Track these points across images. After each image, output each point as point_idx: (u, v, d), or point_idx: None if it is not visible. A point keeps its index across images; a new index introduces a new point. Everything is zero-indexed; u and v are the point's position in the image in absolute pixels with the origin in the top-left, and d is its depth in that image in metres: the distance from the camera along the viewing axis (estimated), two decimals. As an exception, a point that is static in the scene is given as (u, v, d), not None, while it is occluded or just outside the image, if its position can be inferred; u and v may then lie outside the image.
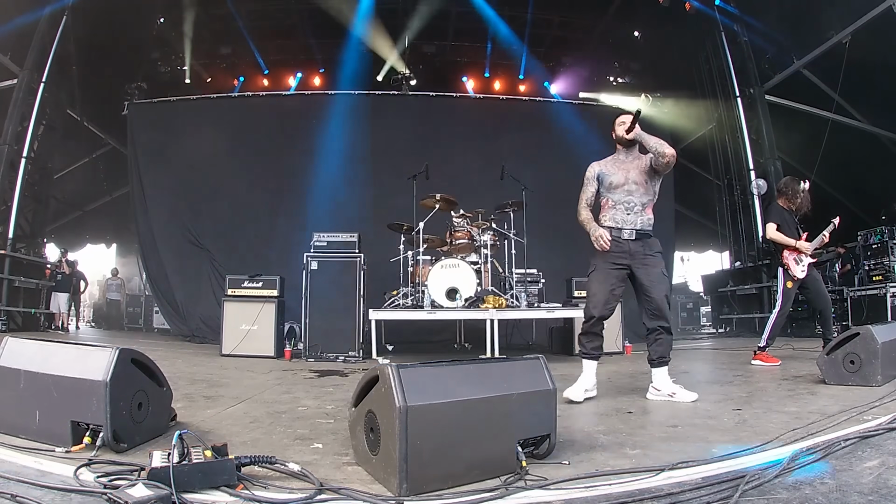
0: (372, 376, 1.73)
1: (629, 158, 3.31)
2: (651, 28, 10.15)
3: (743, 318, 10.05)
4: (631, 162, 3.28)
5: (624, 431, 2.33)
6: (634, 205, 3.21)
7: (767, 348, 4.73)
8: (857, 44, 7.70)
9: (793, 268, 4.66)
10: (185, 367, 4.83)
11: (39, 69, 8.93)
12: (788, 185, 4.94)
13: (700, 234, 13.91)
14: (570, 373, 4.66)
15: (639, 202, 3.21)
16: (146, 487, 1.41)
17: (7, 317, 8.42)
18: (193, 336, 8.29)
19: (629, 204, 3.21)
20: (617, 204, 3.23)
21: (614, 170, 3.29)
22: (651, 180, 3.25)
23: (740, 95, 9.93)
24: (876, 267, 7.54)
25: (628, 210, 3.21)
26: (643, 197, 3.22)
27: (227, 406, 2.98)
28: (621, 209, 3.21)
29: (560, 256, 8.52)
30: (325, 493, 1.54)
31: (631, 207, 3.20)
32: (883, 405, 2.60)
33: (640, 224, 3.21)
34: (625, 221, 3.20)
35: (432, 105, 9.83)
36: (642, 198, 3.22)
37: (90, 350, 2.03)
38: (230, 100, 10.07)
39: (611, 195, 3.27)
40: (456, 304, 5.60)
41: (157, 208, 9.17)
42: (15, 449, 1.87)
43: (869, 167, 9.04)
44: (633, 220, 3.20)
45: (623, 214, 3.21)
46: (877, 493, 1.44)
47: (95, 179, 11.96)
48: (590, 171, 3.41)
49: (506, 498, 1.53)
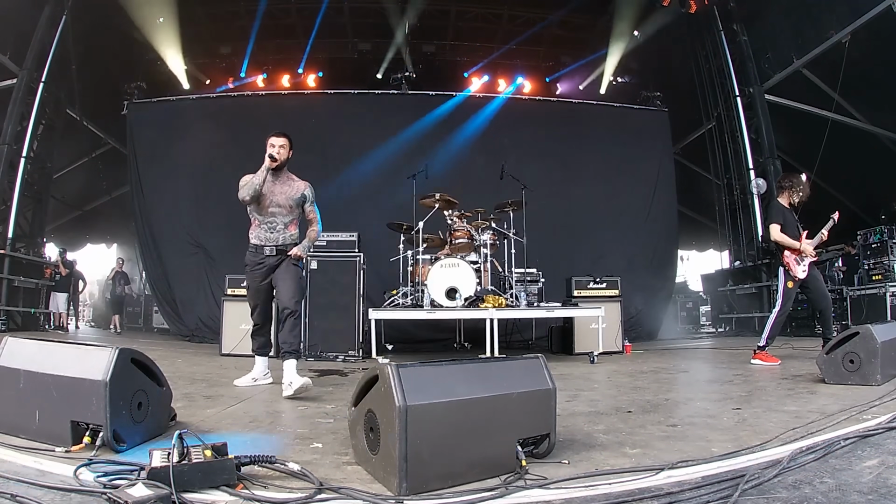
0: (372, 376, 1.73)
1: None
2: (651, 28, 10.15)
3: (743, 318, 10.06)
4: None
5: (623, 431, 2.33)
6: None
7: (767, 348, 4.73)
8: (857, 43, 7.70)
9: (793, 267, 4.66)
10: (185, 367, 4.84)
11: (39, 69, 8.93)
12: (789, 179, 4.93)
13: (701, 234, 13.92)
14: (569, 372, 4.68)
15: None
16: (146, 487, 1.41)
17: (7, 316, 8.42)
18: (193, 336, 8.29)
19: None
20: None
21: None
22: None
23: (740, 95, 9.93)
24: (875, 266, 7.54)
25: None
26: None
27: (227, 406, 2.98)
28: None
29: (560, 256, 8.53)
30: (325, 493, 1.54)
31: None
32: (882, 404, 2.60)
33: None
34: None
35: (432, 104, 9.82)
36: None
37: (90, 350, 2.03)
38: (230, 99, 10.05)
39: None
40: (456, 304, 5.60)
41: (157, 208, 9.17)
42: (15, 449, 1.87)
43: (869, 167, 9.05)
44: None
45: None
46: (876, 493, 1.44)
47: (95, 179, 11.93)
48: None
49: (506, 497, 1.53)
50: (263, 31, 10.61)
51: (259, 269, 3.66)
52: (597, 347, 5.73)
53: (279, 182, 3.67)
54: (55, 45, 9.03)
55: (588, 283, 6.62)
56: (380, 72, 10.37)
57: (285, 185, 3.69)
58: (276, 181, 3.66)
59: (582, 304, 6.39)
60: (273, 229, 3.65)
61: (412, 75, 10.13)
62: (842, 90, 8.13)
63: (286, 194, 3.67)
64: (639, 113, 10.40)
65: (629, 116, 10.30)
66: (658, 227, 9.75)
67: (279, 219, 3.66)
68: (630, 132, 10.02)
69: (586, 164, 9.65)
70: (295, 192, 3.70)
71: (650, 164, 9.93)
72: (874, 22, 7.38)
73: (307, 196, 3.74)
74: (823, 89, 8.80)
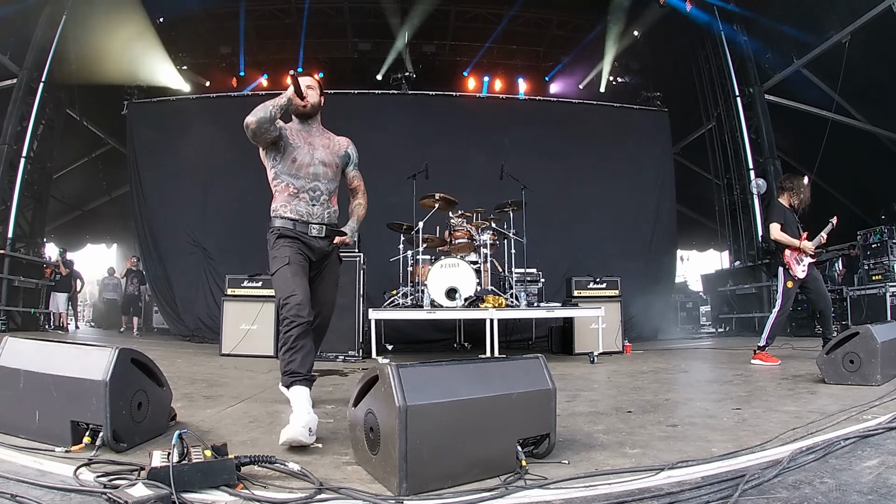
0: (372, 376, 1.73)
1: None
2: (651, 27, 10.15)
3: (742, 318, 10.06)
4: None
5: (623, 431, 2.33)
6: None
7: (767, 348, 4.73)
8: (856, 43, 7.71)
9: (793, 267, 4.67)
10: (185, 367, 4.83)
11: (39, 69, 8.94)
12: (790, 180, 4.93)
13: (701, 234, 13.93)
14: (569, 372, 4.68)
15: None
16: (146, 487, 1.41)
17: (7, 316, 8.42)
18: (193, 336, 8.30)
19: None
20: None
21: None
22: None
23: (740, 95, 9.94)
24: (875, 266, 7.55)
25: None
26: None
27: (227, 406, 2.98)
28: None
29: (560, 256, 8.54)
30: (325, 493, 1.53)
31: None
32: (882, 404, 2.60)
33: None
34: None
35: (432, 104, 9.83)
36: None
37: (90, 350, 2.03)
38: (230, 99, 10.06)
39: None
40: (455, 304, 5.61)
41: (157, 208, 9.18)
42: (15, 449, 1.87)
43: (869, 167, 9.06)
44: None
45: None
46: (876, 493, 1.44)
47: (95, 179, 11.95)
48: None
49: (505, 497, 1.53)
50: (263, 31, 10.63)
51: (302, 246, 2.54)
52: (597, 347, 5.73)
53: (316, 133, 2.70)
54: (55, 45, 9.03)
55: (588, 284, 6.62)
56: (380, 72, 10.38)
57: (325, 138, 2.73)
58: (312, 131, 2.69)
59: (582, 304, 6.40)
60: (316, 200, 2.58)
61: (412, 75, 10.13)
62: (842, 90, 8.13)
63: (331, 149, 2.69)
64: (639, 113, 10.40)
65: (629, 116, 10.31)
66: (658, 227, 9.74)
67: (323, 184, 2.61)
68: (630, 132, 10.03)
69: (586, 164, 9.66)
70: (338, 147, 2.74)
71: (650, 164, 9.93)
72: (874, 22, 7.38)
73: (351, 156, 2.80)
74: (823, 89, 8.80)
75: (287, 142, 2.59)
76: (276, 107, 2.47)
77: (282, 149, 2.58)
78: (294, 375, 2.24)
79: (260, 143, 2.55)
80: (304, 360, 2.26)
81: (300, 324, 2.27)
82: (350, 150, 2.78)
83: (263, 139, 2.51)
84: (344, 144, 2.77)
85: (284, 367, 2.26)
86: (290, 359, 2.24)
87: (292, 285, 2.36)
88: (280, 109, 2.49)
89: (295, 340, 2.25)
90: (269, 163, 2.63)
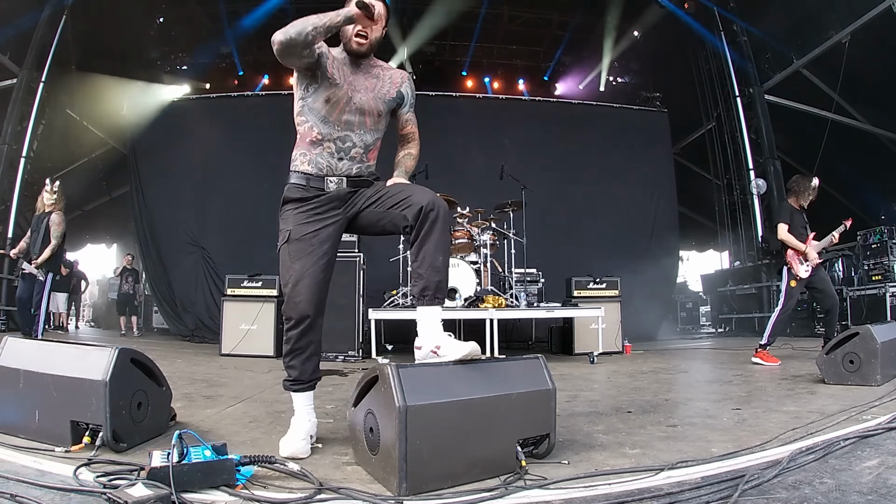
0: (372, 376, 1.73)
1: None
2: (651, 28, 10.16)
3: (742, 318, 10.06)
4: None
5: (623, 431, 2.33)
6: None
7: (768, 347, 4.73)
8: (856, 43, 7.71)
9: (796, 267, 4.67)
10: (185, 367, 4.83)
11: (39, 69, 8.93)
12: (799, 182, 4.92)
13: (701, 234, 13.92)
14: (569, 372, 4.68)
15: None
16: (146, 487, 1.41)
17: (6, 316, 8.41)
18: (193, 336, 8.30)
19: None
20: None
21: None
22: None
23: (740, 95, 9.94)
24: (875, 267, 7.54)
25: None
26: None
27: (227, 406, 2.98)
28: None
29: (560, 256, 8.53)
30: (325, 493, 1.54)
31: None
32: (882, 405, 2.60)
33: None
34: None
35: (432, 104, 9.82)
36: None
37: (90, 350, 2.03)
38: (230, 99, 10.06)
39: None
40: (455, 304, 5.61)
41: (156, 208, 9.17)
42: (14, 449, 1.87)
43: (869, 167, 9.05)
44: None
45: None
46: (876, 493, 1.44)
47: (95, 179, 11.93)
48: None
49: (505, 497, 1.53)
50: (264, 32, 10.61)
51: (315, 209, 2.09)
52: (597, 347, 5.73)
53: (362, 74, 2.17)
54: (55, 45, 9.03)
55: (588, 284, 6.62)
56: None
57: (372, 77, 2.19)
58: (359, 71, 2.16)
59: (582, 304, 6.40)
60: (344, 153, 2.10)
61: (412, 75, 10.13)
62: (842, 90, 8.14)
63: (375, 92, 2.16)
64: (638, 113, 10.41)
65: (629, 117, 10.31)
66: (658, 228, 9.75)
67: (357, 135, 2.12)
68: (630, 132, 10.03)
69: (586, 165, 9.66)
70: (388, 87, 2.21)
71: (650, 165, 9.93)
72: (874, 22, 7.39)
73: (406, 96, 2.27)
74: (823, 89, 8.80)
75: (324, 73, 2.07)
76: (320, 27, 1.92)
77: (318, 78, 2.08)
78: (295, 383, 2.08)
79: (289, 65, 2.04)
80: (305, 366, 2.07)
81: (296, 321, 2.03)
82: (405, 88, 2.24)
83: (293, 63, 2.03)
84: (397, 82, 2.23)
85: (285, 371, 2.11)
86: (289, 364, 2.07)
87: (290, 272, 2.06)
88: (325, 32, 1.95)
89: (295, 342, 2.05)
90: (299, 92, 2.14)
